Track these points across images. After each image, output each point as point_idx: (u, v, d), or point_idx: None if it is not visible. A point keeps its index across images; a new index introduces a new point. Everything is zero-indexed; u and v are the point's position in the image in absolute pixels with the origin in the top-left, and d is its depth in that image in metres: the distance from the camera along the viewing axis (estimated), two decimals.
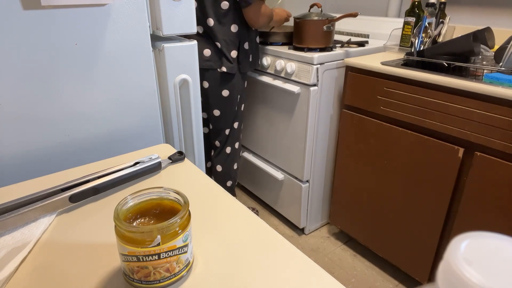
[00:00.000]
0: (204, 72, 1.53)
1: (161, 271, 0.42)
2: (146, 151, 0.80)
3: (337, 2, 2.26)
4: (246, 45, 1.56)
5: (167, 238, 0.41)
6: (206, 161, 1.89)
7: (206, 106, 1.63)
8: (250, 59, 1.61)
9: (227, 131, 1.68)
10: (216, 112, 1.62)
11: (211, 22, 1.45)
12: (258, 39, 1.64)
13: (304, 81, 1.57)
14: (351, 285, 1.60)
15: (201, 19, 1.47)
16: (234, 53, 1.52)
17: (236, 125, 1.69)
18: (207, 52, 1.50)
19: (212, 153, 1.76)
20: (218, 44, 1.49)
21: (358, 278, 1.63)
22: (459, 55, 1.33)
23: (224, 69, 1.52)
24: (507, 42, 1.25)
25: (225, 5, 1.43)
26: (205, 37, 1.50)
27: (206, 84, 1.56)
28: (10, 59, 0.74)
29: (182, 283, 0.45)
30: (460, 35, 1.37)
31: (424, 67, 1.34)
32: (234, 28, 1.48)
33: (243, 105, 1.70)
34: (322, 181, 1.84)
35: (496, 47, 1.38)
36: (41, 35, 0.76)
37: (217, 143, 1.72)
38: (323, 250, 1.81)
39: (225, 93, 1.58)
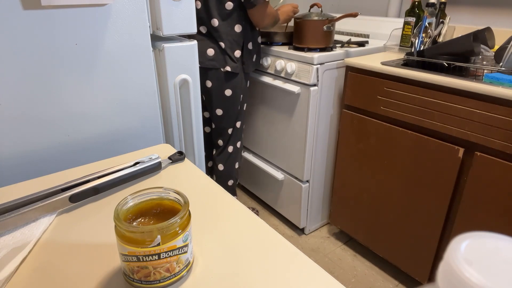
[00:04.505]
0: (207, 72, 1.53)
1: (161, 271, 0.42)
2: (146, 151, 0.80)
3: (337, 2, 2.26)
4: (250, 45, 1.56)
5: (167, 238, 0.41)
6: (208, 161, 1.89)
7: (209, 105, 1.63)
8: (254, 59, 1.62)
9: (229, 131, 1.69)
10: (219, 112, 1.63)
11: (215, 22, 1.46)
12: (260, 39, 1.65)
13: (304, 81, 1.57)
14: (351, 285, 1.60)
15: (205, 20, 1.48)
16: (238, 53, 1.53)
17: (238, 124, 1.70)
18: (210, 51, 1.50)
19: (214, 152, 1.77)
20: (222, 44, 1.49)
21: (358, 278, 1.63)
22: (459, 55, 1.33)
23: (228, 68, 1.52)
24: (507, 42, 1.25)
25: (229, 5, 1.44)
26: (208, 36, 1.51)
27: (209, 84, 1.56)
28: (10, 59, 0.74)
29: (182, 283, 0.44)
30: (460, 35, 1.37)
31: (424, 67, 1.34)
32: (238, 28, 1.49)
33: (245, 105, 1.70)
34: (322, 181, 1.84)
35: (496, 47, 1.38)
36: (41, 35, 0.76)
37: (219, 142, 1.72)
38: (323, 250, 1.81)
39: (228, 92, 1.58)
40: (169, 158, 0.74)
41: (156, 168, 0.69)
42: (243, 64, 1.57)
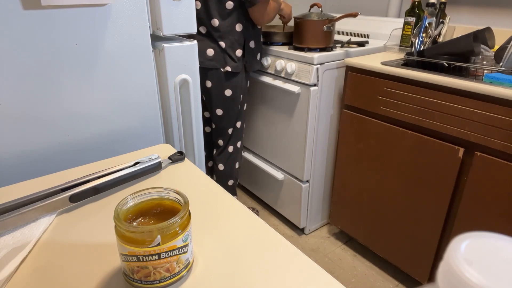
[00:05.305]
0: (207, 72, 1.53)
1: (161, 271, 0.42)
2: (146, 151, 0.80)
3: (337, 2, 2.25)
4: (252, 44, 1.56)
5: (167, 238, 0.41)
6: (208, 160, 1.89)
7: (209, 105, 1.63)
8: (258, 57, 1.62)
9: (230, 130, 1.69)
10: (219, 112, 1.62)
11: (216, 22, 1.46)
12: (262, 38, 1.64)
13: (304, 81, 1.57)
14: (351, 285, 1.60)
15: (205, 20, 1.48)
16: (239, 52, 1.52)
17: (238, 124, 1.70)
18: (210, 51, 1.50)
19: (214, 152, 1.77)
20: (223, 44, 1.49)
21: (358, 278, 1.63)
22: (459, 55, 1.33)
23: (228, 68, 1.52)
24: (507, 42, 1.25)
25: (229, 5, 1.44)
26: (208, 36, 1.51)
27: (209, 84, 1.56)
28: (10, 59, 0.74)
29: (182, 283, 0.44)
30: (460, 35, 1.37)
31: (424, 67, 1.34)
32: (239, 27, 1.49)
33: (245, 105, 1.70)
34: (322, 181, 1.84)
35: (496, 47, 1.38)
36: (41, 35, 0.76)
37: (220, 142, 1.72)
38: (323, 250, 1.81)
39: (228, 92, 1.58)
40: (169, 158, 0.74)
41: (156, 168, 0.69)
42: (245, 63, 1.57)
